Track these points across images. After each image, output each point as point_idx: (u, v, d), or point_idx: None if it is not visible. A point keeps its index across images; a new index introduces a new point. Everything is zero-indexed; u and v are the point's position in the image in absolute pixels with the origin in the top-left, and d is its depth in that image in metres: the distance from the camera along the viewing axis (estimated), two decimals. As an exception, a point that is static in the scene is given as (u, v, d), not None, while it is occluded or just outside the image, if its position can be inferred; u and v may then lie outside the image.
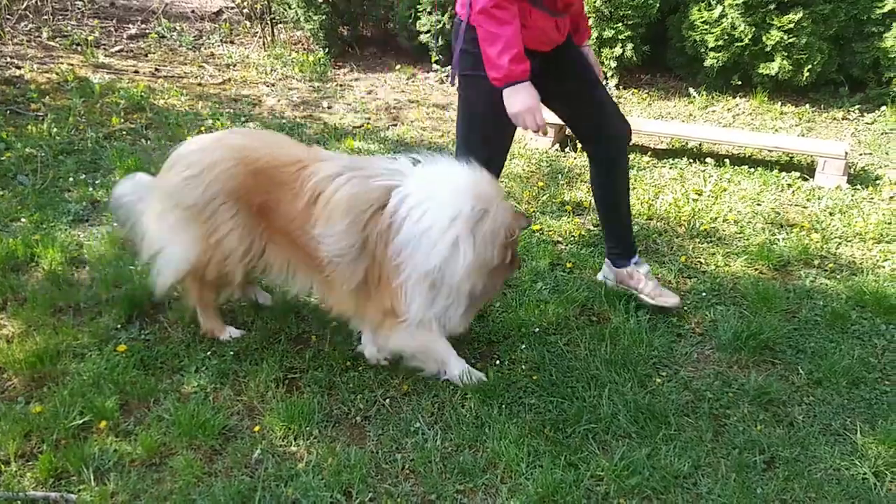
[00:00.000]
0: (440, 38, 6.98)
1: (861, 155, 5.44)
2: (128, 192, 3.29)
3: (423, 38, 7.10)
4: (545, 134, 3.22)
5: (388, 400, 3.06)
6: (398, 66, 7.28)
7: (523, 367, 3.26)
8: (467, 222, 2.84)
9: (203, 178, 3.02)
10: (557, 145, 5.47)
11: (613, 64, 6.49)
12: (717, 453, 2.83)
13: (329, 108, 6.40)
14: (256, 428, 2.88)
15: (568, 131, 5.66)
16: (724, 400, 3.09)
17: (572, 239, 4.25)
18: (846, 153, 4.91)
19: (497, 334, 3.47)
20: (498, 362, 3.30)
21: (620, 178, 3.52)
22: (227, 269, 3.15)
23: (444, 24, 6.86)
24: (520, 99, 3.04)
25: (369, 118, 6.15)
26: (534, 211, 4.53)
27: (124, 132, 5.53)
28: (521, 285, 3.81)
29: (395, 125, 6.03)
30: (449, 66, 6.95)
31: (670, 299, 3.57)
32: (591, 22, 6.40)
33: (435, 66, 7.15)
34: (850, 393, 3.13)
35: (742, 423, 2.97)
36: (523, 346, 3.39)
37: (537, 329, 3.48)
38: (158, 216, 3.17)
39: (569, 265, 3.98)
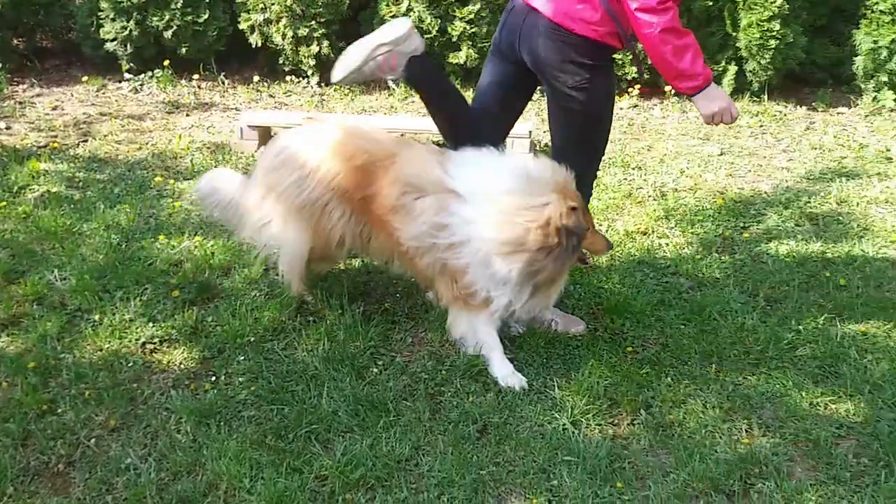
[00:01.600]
0: (129, 45, 6.59)
1: (545, 132, 5.93)
2: (215, 188, 3.59)
3: (110, 46, 6.66)
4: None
5: (93, 440, 2.85)
6: (85, 78, 6.77)
7: (241, 379, 3.18)
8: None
9: (313, 178, 3.28)
10: (263, 147, 5.38)
11: (312, 62, 6.52)
12: (436, 431, 2.96)
13: (8, 128, 5.80)
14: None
15: (278, 132, 5.61)
16: (439, 378, 3.23)
17: (284, 241, 4.22)
18: (530, 132, 5.32)
19: (211, 349, 3.36)
20: (214, 378, 3.19)
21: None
22: (331, 255, 3.56)
23: (132, 30, 6.48)
24: (718, 95, 3.13)
25: (56, 136, 5.66)
26: (243, 217, 4.43)
27: None
28: (234, 294, 3.72)
29: (87, 141, 5.60)
30: (142, 74, 6.64)
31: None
32: (284, 22, 6.38)
33: (127, 76, 6.74)
34: (548, 352, 3.41)
35: (456, 398, 3.13)
36: (241, 358, 3.31)
37: (253, 338, 3.42)
38: (275, 215, 3.40)
39: (282, 268, 3.94)
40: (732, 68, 6.43)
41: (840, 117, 6.33)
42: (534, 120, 6.01)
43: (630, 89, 6.51)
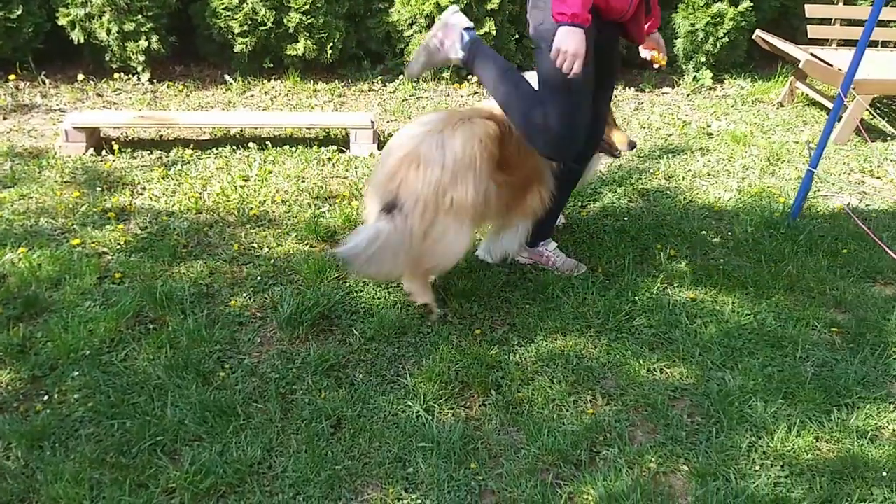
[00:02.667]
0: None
1: (388, 122, 5.94)
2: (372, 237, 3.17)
3: None
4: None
5: None
6: None
7: (76, 396, 3.01)
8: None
9: (474, 173, 3.23)
10: (92, 150, 5.09)
11: (142, 58, 6.20)
12: (288, 430, 2.91)
13: None
14: None
15: (108, 133, 5.32)
16: (290, 377, 3.18)
17: (119, 247, 4.01)
18: (372, 122, 5.31)
19: (42, 367, 3.15)
20: (46, 397, 3.00)
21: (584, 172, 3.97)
22: None
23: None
24: (577, 40, 3.03)
25: None
26: (73, 224, 4.17)
27: None
28: (65, 307, 3.50)
29: None
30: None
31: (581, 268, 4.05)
32: (108, 17, 6.04)
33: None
34: (400, 341, 3.43)
35: (308, 395, 3.09)
36: (76, 374, 3.12)
37: (88, 351, 3.23)
38: (451, 224, 3.25)
39: (118, 276, 3.74)
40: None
41: (665, 97, 6.69)
42: (376, 110, 6.00)
43: (470, 77, 6.62)
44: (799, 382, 3.29)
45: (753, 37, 6.57)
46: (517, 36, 6.59)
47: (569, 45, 3.03)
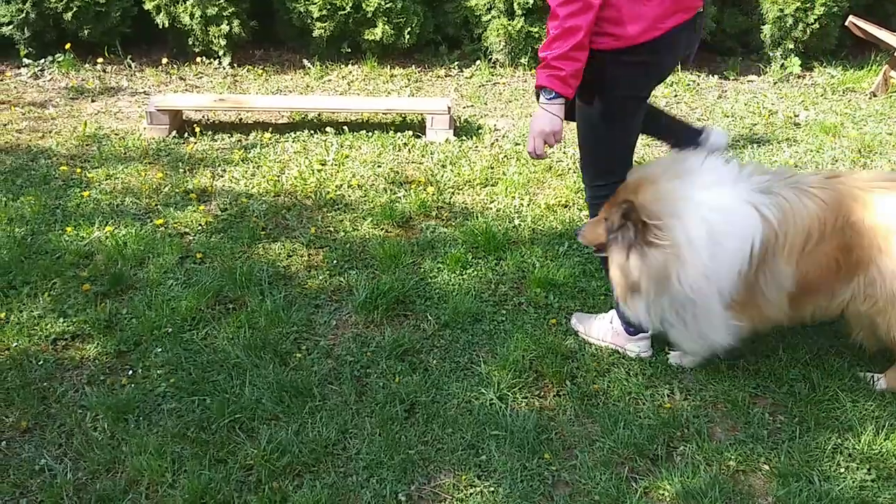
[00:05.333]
0: (26, 28, 6.27)
1: (464, 108, 5.91)
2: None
3: (6, 30, 6.32)
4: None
5: (4, 443, 2.74)
6: (-21, 67, 6.42)
7: (159, 371, 3.09)
8: None
9: None
10: (175, 132, 5.21)
11: (223, 42, 6.32)
12: (362, 413, 2.93)
13: None
14: None
15: (190, 116, 5.44)
16: (364, 360, 3.20)
17: (200, 228, 4.10)
18: (449, 108, 5.29)
19: (127, 342, 3.25)
20: (131, 372, 3.09)
21: None
22: None
23: (28, 12, 6.16)
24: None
25: (-50, 127, 5.36)
26: (156, 205, 4.28)
27: None
28: (149, 284, 3.59)
29: (-16, 131, 5.32)
30: (43, 59, 6.33)
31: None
32: (191, 1, 6.17)
33: (26, 61, 6.41)
34: (474, 329, 3.41)
35: (382, 379, 3.10)
36: (159, 350, 3.21)
37: (170, 329, 3.31)
38: None
39: (199, 255, 3.83)
40: (646, 39, 6.51)
41: (750, 85, 6.48)
42: (452, 96, 5.99)
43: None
44: (889, 384, 3.15)
45: (846, 23, 6.30)
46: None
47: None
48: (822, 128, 5.51)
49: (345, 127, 5.35)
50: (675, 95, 6.15)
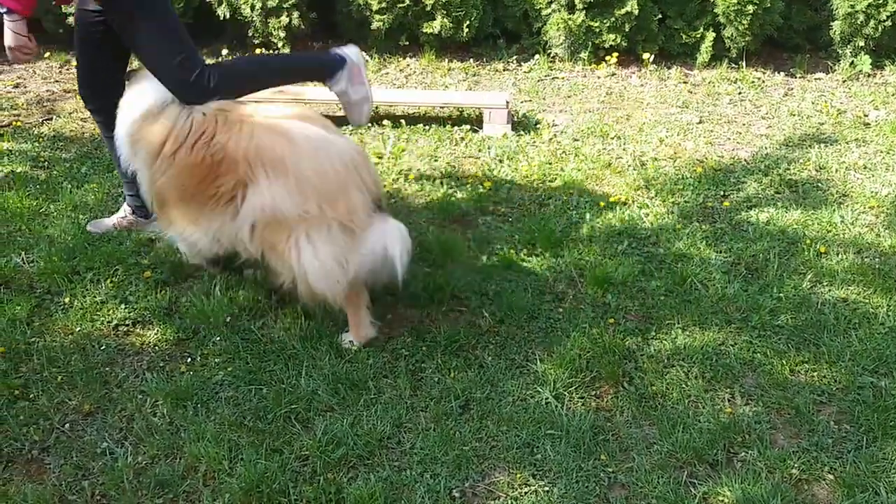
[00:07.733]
0: (93, 18, 6.39)
1: (522, 102, 5.86)
2: None
3: (72, 21, 6.46)
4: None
5: (67, 425, 2.80)
6: (48, 54, 6.57)
7: (217, 360, 3.13)
8: None
9: None
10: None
11: (283, 34, 6.37)
12: (417, 407, 2.92)
13: (-31, 107, 5.62)
14: None
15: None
16: (419, 354, 3.19)
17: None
18: (507, 102, 5.25)
19: (186, 330, 3.29)
20: (189, 360, 3.13)
21: None
22: None
23: (95, 3, 6.29)
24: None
25: (19, 114, 5.50)
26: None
27: None
28: (208, 274, 3.64)
29: (51, 119, 5.45)
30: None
31: None
32: (253, -8, 6.23)
33: (92, 50, 6.54)
34: (529, 326, 3.38)
35: (437, 374, 3.09)
36: (217, 339, 3.25)
37: (228, 318, 3.35)
38: None
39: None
40: (710, 35, 6.36)
41: (818, 83, 6.29)
42: (511, 90, 5.94)
43: (608, 58, 6.44)
44: (963, 396, 3.03)
45: (920, 20, 6.07)
46: (660, 16, 6.36)
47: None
48: (892, 128, 5.32)
49: (402, 120, 5.34)
50: (740, 93, 6.01)
